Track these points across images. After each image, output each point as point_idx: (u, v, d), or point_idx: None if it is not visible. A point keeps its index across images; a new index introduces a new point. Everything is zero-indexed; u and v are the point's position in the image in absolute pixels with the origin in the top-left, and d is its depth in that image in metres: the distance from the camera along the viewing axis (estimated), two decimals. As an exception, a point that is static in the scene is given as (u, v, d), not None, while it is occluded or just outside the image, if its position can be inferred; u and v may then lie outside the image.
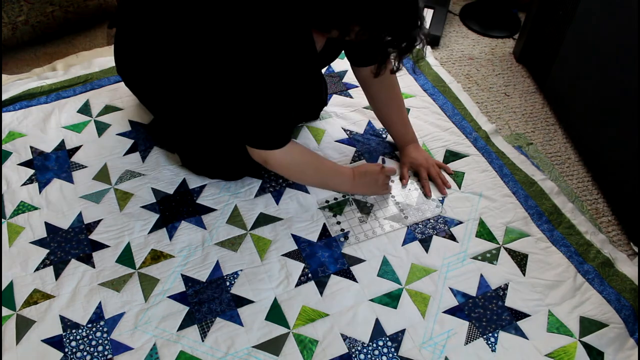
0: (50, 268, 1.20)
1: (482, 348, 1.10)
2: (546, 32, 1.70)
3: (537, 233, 1.30)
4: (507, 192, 1.39)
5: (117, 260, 1.21)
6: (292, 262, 1.22)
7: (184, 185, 1.37)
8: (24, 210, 1.30)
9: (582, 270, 1.23)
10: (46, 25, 1.79)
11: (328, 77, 1.68)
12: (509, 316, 1.15)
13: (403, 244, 1.27)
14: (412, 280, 1.20)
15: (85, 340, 1.09)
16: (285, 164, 1.19)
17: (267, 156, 1.15)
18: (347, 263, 1.23)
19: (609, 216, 1.41)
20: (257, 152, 1.15)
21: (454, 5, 2.14)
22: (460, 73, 1.83)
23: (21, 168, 1.39)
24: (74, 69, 1.68)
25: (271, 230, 1.28)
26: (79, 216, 1.29)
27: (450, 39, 1.98)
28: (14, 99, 1.55)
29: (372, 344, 1.10)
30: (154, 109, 1.38)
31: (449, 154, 1.48)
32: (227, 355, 1.08)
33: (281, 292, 1.17)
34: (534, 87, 1.79)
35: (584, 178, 1.51)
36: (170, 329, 1.11)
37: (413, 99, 1.63)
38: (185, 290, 1.17)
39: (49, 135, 1.47)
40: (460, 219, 1.32)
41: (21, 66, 1.76)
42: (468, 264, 1.23)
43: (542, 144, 1.60)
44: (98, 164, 1.41)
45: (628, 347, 1.11)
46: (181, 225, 1.28)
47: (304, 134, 1.50)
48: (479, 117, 1.59)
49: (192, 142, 1.35)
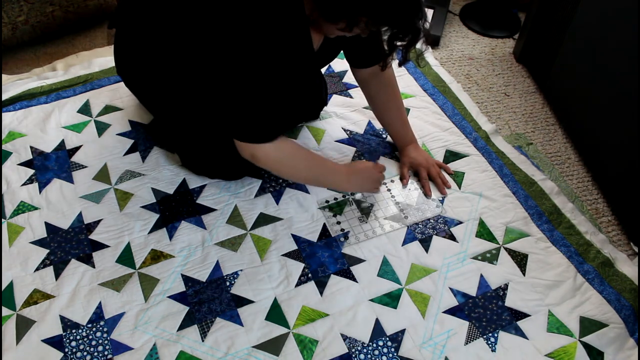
0: (50, 268, 1.20)
1: (482, 348, 1.10)
2: (546, 32, 1.70)
3: (537, 233, 1.30)
4: (507, 192, 1.39)
5: (117, 260, 1.21)
6: (292, 262, 1.22)
7: (184, 185, 1.37)
8: (24, 210, 1.30)
9: (582, 270, 1.23)
10: (46, 25, 1.79)
11: (328, 77, 1.68)
12: (509, 316, 1.15)
13: (403, 244, 1.27)
14: (412, 280, 1.20)
15: (85, 340, 1.09)
16: (274, 159, 1.17)
17: (254, 150, 1.14)
18: (347, 263, 1.23)
19: (609, 216, 1.41)
20: (244, 146, 1.14)
21: (454, 5, 2.14)
22: (460, 73, 1.83)
23: (21, 168, 1.39)
24: (74, 69, 1.68)
25: (271, 230, 1.28)
26: (79, 216, 1.29)
27: (450, 39, 1.98)
28: (14, 99, 1.55)
29: (372, 344, 1.10)
30: (153, 109, 1.38)
31: (449, 154, 1.48)
32: (227, 355, 1.08)
33: (281, 292, 1.17)
34: (534, 87, 1.79)
35: (584, 178, 1.51)
36: (170, 329, 1.11)
37: (413, 99, 1.63)
38: (185, 290, 1.17)
39: (49, 135, 1.47)
40: (460, 219, 1.32)
41: (21, 66, 1.76)
42: (468, 264, 1.23)
43: (542, 144, 1.60)
44: (98, 164, 1.41)
45: (628, 347, 1.11)
46: (181, 225, 1.28)
47: (304, 134, 1.50)
48: (479, 117, 1.59)
49: (192, 142, 1.35)
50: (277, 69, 1.07)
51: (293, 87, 1.17)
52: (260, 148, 1.13)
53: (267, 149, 1.14)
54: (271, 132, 1.13)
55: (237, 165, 1.34)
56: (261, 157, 1.15)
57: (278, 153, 1.17)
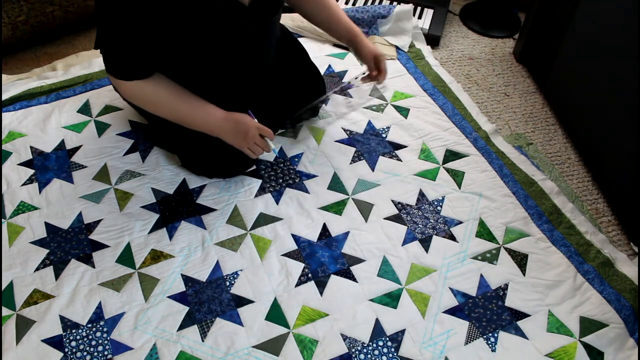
0: (50, 268, 1.20)
1: (482, 348, 1.10)
2: (546, 32, 1.70)
3: (537, 233, 1.30)
4: (507, 192, 1.39)
5: (117, 260, 1.21)
6: (292, 262, 1.22)
7: (184, 185, 1.37)
8: (24, 210, 1.30)
9: (582, 270, 1.23)
10: (46, 25, 1.79)
11: (328, 77, 1.68)
12: (509, 316, 1.15)
13: (403, 244, 1.27)
14: (412, 280, 1.20)
15: (85, 340, 1.09)
16: (133, 95, 1.20)
17: (117, 84, 1.17)
18: (347, 263, 1.23)
19: (609, 216, 1.41)
20: (112, 79, 1.17)
21: (454, 5, 2.14)
22: (460, 73, 1.83)
23: (21, 168, 1.39)
24: (74, 69, 1.68)
25: (271, 230, 1.28)
26: (79, 216, 1.29)
27: (450, 39, 1.98)
28: (14, 99, 1.55)
29: (372, 344, 1.10)
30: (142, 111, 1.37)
31: (449, 154, 1.48)
32: (227, 355, 1.08)
33: (281, 292, 1.17)
34: (534, 87, 1.79)
35: (584, 178, 1.51)
36: (170, 329, 1.11)
37: (413, 99, 1.63)
38: (185, 290, 1.17)
39: (49, 135, 1.47)
40: (460, 219, 1.32)
41: (21, 66, 1.76)
42: (468, 264, 1.24)
43: (542, 144, 1.60)
44: (98, 164, 1.41)
45: (628, 347, 1.12)
46: (181, 225, 1.28)
47: (304, 134, 1.50)
48: (479, 117, 1.59)
49: (185, 139, 1.33)
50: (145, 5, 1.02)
51: (175, 27, 1.09)
52: (121, 83, 1.16)
53: (127, 85, 1.16)
54: (129, 69, 1.13)
55: (233, 161, 1.34)
56: (122, 91, 1.19)
57: (138, 90, 1.17)
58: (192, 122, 1.24)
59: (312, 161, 1.44)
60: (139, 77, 1.15)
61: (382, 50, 1.36)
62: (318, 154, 1.45)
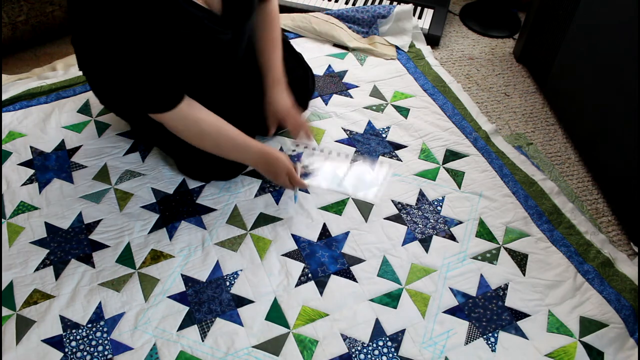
0: (50, 268, 1.20)
1: (482, 348, 1.10)
2: (546, 32, 1.70)
3: (537, 233, 1.30)
4: (507, 192, 1.39)
5: (117, 260, 1.21)
6: (292, 262, 1.22)
7: (184, 185, 1.37)
8: (24, 210, 1.30)
9: (582, 270, 1.23)
10: (46, 25, 1.79)
11: (328, 77, 1.68)
12: (509, 316, 1.15)
13: (403, 244, 1.27)
14: (412, 280, 1.20)
15: (85, 340, 1.09)
16: (178, 129, 1.15)
17: (161, 119, 1.12)
18: (347, 263, 1.23)
19: (609, 216, 1.41)
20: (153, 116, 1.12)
21: (454, 5, 2.14)
22: (460, 73, 1.83)
23: (21, 168, 1.39)
24: (74, 69, 1.68)
25: (271, 230, 1.28)
26: (79, 216, 1.29)
27: (450, 39, 1.98)
28: (14, 99, 1.55)
29: (372, 344, 1.10)
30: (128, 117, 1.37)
31: (449, 154, 1.48)
32: (227, 355, 1.08)
33: (281, 292, 1.17)
34: (534, 87, 1.79)
35: (584, 178, 1.51)
36: (170, 329, 1.11)
37: (413, 99, 1.63)
38: (185, 290, 1.17)
39: (49, 135, 1.47)
40: (460, 219, 1.32)
41: (21, 66, 1.76)
42: (468, 264, 1.24)
43: (542, 144, 1.60)
44: (98, 164, 1.41)
45: (628, 347, 1.11)
46: (181, 225, 1.28)
47: (304, 134, 1.50)
48: (479, 117, 1.59)
49: (180, 144, 1.30)
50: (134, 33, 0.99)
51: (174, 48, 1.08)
52: (162, 117, 1.11)
53: (168, 119, 1.11)
54: (163, 100, 1.09)
55: (229, 165, 1.32)
56: (168, 126, 1.14)
57: (181, 125, 1.13)
58: (233, 156, 1.25)
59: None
60: (178, 99, 1.10)
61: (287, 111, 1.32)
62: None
